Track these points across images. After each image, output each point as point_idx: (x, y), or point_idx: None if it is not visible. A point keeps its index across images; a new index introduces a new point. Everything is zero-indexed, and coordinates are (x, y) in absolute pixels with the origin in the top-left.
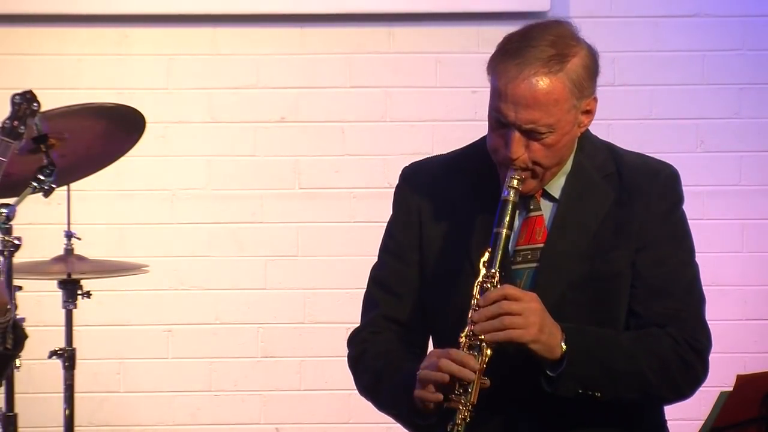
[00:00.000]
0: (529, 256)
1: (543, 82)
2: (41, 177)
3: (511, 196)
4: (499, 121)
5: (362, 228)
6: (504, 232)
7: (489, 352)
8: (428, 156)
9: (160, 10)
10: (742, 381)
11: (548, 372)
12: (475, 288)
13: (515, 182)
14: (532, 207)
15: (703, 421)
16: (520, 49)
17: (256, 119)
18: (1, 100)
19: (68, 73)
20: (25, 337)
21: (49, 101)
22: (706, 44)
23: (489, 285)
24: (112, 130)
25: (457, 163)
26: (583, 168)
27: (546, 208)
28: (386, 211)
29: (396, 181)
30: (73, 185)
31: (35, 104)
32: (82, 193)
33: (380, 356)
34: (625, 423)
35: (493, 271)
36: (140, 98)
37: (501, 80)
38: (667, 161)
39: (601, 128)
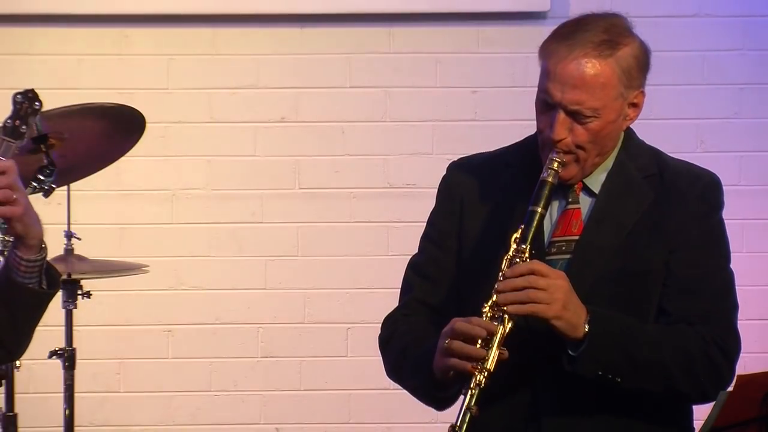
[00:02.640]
0: (564, 248)
1: (592, 64)
2: (41, 177)
3: (550, 177)
4: (546, 102)
5: (362, 228)
6: (539, 210)
7: (510, 325)
8: (474, 153)
9: (160, 10)
10: (742, 381)
11: (570, 351)
12: (504, 262)
13: (555, 164)
14: (570, 200)
15: (703, 421)
16: (573, 33)
17: (256, 119)
18: (1, 100)
19: (68, 73)
20: (59, 276)
21: (49, 101)
22: (706, 44)
23: (518, 260)
24: (112, 130)
25: (502, 158)
26: (625, 166)
27: (584, 203)
28: (386, 211)
29: (395, 181)
30: (73, 185)
31: (37, 103)
32: (82, 193)
33: (408, 333)
34: (648, 417)
35: (524, 246)
36: (140, 98)
37: (551, 60)
38: (710, 170)
39: None
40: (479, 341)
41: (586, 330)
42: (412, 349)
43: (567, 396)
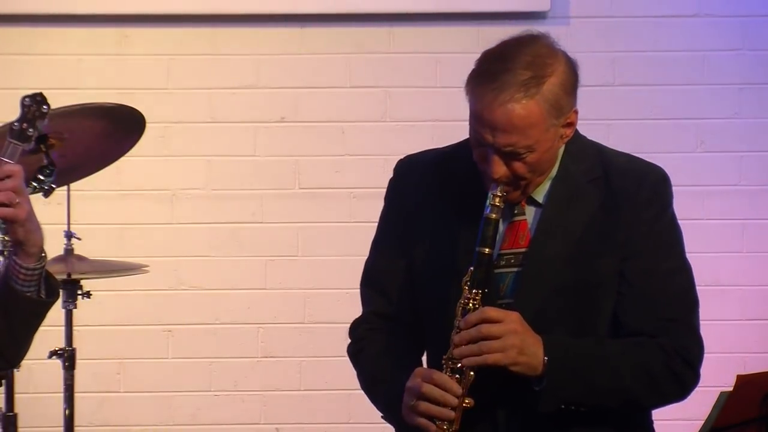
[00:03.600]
0: (512, 260)
1: (519, 107)
2: (41, 177)
3: (494, 213)
4: (478, 140)
5: (362, 228)
6: (487, 251)
7: (472, 374)
8: (423, 150)
9: (160, 10)
10: (742, 381)
11: (534, 387)
12: (458, 308)
13: (497, 200)
14: (516, 212)
15: (703, 421)
16: (497, 73)
17: (256, 119)
18: (2, 100)
19: (68, 73)
20: (59, 284)
21: (49, 101)
22: (706, 44)
23: (471, 305)
24: (112, 130)
25: (450, 157)
26: (569, 172)
27: (530, 213)
28: None
29: None
30: (73, 185)
31: (45, 107)
32: (82, 193)
33: (374, 359)
34: (612, 424)
35: (475, 291)
36: (140, 98)
37: (478, 105)
38: (660, 165)
39: (601, 128)
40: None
41: (545, 368)
42: (381, 385)
43: (531, 423)
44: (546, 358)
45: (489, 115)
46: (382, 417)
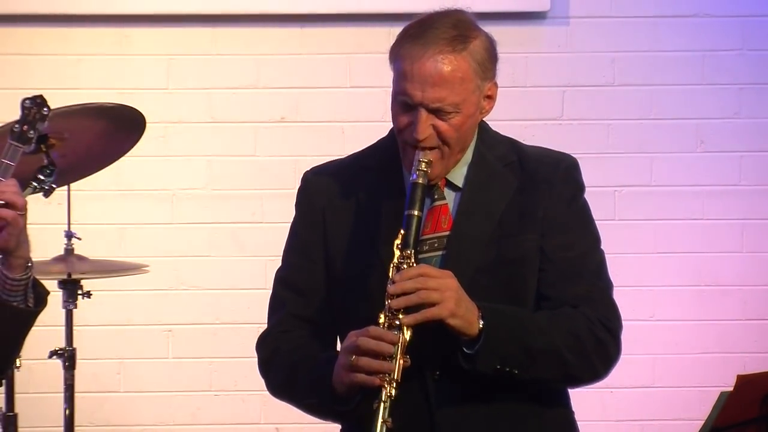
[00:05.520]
0: (436, 244)
1: (448, 60)
2: (41, 177)
3: (420, 178)
4: (405, 104)
5: None
6: (416, 213)
7: (409, 333)
8: (331, 159)
9: (160, 10)
10: (742, 381)
11: (465, 349)
12: (391, 270)
13: (423, 165)
14: (436, 196)
15: (703, 421)
16: (423, 32)
17: (256, 119)
18: (2, 101)
19: (68, 73)
20: (47, 293)
21: (49, 101)
22: (706, 44)
23: (405, 265)
24: (112, 130)
25: (360, 161)
26: (485, 158)
27: (450, 197)
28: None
29: None
30: (73, 185)
31: (45, 109)
32: (82, 193)
33: (293, 351)
34: (536, 401)
35: (408, 252)
36: (140, 98)
37: (406, 62)
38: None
39: (601, 128)
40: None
41: (481, 326)
42: (304, 367)
43: (458, 391)
44: (481, 314)
45: (419, 69)
46: (306, 407)
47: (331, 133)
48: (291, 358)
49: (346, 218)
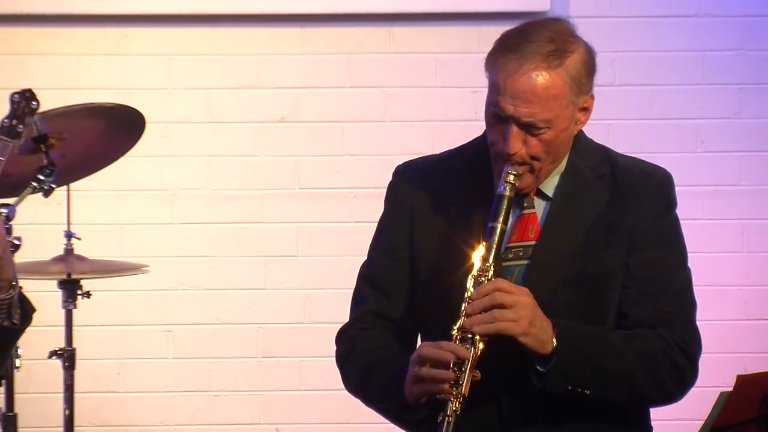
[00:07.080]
0: (521, 254)
1: (542, 77)
2: (41, 177)
3: (507, 191)
4: (497, 116)
5: (362, 228)
6: (499, 226)
7: (481, 346)
8: (423, 155)
9: (160, 10)
10: (742, 381)
11: (538, 367)
12: (469, 281)
13: (512, 177)
14: (525, 204)
15: (703, 421)
16: (519, 45)
17: (256, 119)
18: (2, 101)
19: (68, 73)
20: (33, 310)
21: (49, 101)
22: (706, 44)
23: (483, 278)
24: (112, 130)
25: (451, 161)
26: (578, 168)
27: (539, 206)
28: None
29: None
30: (73, 185)
31: (34, 103)
32: (82, 193)
33: (369, 352)
34: (612, 421)
35: (487, 264)
36: (140, 98)
37: (500, 75)
38: (661, 165)
39: (600, 128)
40: (451, 366)
41: (554, 345)
42: (377, 372)
43: (533, 410)
44: (556, 333)
45: (512, 84)
46: (377, 409)
47: (330, 133)
48: (366, 360)
49: (433, 219)
